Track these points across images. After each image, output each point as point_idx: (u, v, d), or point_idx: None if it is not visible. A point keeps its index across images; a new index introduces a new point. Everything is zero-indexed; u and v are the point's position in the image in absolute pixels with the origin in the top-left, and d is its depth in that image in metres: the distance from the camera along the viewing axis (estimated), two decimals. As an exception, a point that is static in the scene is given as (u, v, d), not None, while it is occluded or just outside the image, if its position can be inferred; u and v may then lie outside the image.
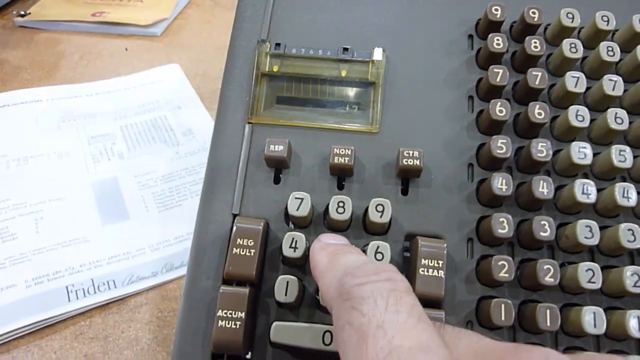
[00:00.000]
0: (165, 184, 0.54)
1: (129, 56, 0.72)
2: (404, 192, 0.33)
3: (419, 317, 0.21)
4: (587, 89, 0.34)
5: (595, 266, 0.30)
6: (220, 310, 0.29)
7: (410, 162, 0.32)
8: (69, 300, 0.44)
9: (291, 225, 0.33)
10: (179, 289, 0.46)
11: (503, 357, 0.21)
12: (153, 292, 0.45)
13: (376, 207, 0.31)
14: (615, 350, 0.30)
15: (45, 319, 0.42)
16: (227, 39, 0.39)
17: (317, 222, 0.33)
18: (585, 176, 0.33)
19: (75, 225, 0.49)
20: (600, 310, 0.29)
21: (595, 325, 0.29)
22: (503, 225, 0.30)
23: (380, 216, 0.31)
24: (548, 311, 0.29)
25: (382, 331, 0.20)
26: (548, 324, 0.29)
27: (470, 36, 0.37)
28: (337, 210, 0.31)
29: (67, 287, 0.44)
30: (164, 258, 0.47)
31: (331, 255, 0.27)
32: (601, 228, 0.31)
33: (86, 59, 0.71)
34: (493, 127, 0.33)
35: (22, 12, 0.76)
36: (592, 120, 0.33)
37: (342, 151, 0.32)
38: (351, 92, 0.36)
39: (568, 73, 0.33)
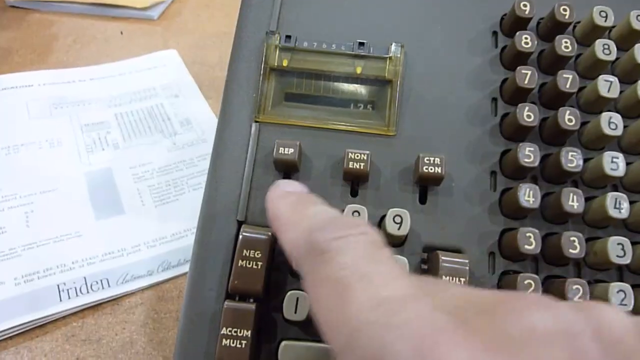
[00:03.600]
0: (162, 177, 0.50)
1: (124, 40, 0.67)
2: (422, 200, 0.30)
3: (399, 267, 0.20)
4: (620, 91, 0.31)
5: (627, 287, 0.27)
6: (224, 328, 0.26)
7: (431, 169, 0.29)
8: (61, 300, 0.40)
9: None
10: (175, 289, 0.43)
11: (494, 304, 0.18)
12: (149, 292, 0.42)
13: (394, 219, 0.28)
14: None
15: (36, 320, 0.39)
16: (227, 24, 0.35)
17: (328, 231, 0.30)
18: (615, 188, 0.30)
19: (68, 219, 0.46)
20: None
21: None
22: (530, 240, 0.27)
23: (399, 228, 0.28)
24: (577, 335, 0.26)
25: (368, 280, 0.18)
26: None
27: (495, 33, 0.34)
28: (351, 220, 0.28)
29: (58, 286, 0.41)
30: (160, 256, 0.44)
31: (294, 206, 0.24)
32: (632, 244, 0.28)
33: (80, 42, 0.66)
34: (519, 133, 0.30)
35: (14, -9, 0.71)
36: (624, 127, 0.30)
37: (357, 156, 0.29)
38: (366, 90, 0.32)
39: (600, 77, 0.30)
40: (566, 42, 0.31)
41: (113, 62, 0.63)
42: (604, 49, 0.31)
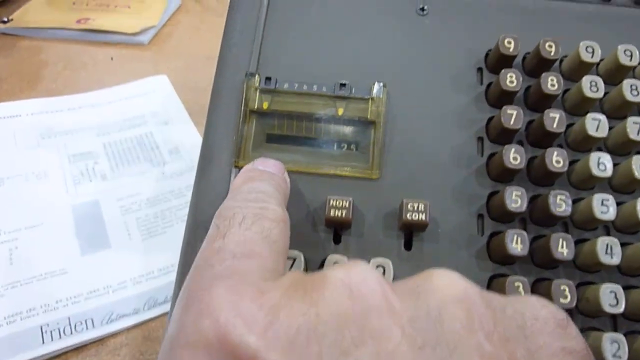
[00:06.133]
0: (149, 209, 0.49)
1: (114, 66, 0.66)
2: (407, 246, 0.29)
3: (266, 237, 0.21)
4: (609, 128, 0.29)
5: (621, 338, 0.25)
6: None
7: (415, 216, 0.27)
8: (43, 342, 0.39)
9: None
10: (162, 327, 0.41)
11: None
12: (134, 331, 0.41)
13: (376, 268, 0.27)
14: None
15: (17, 363, 0.38)
16: (218, 47, 0.33)
17: (310, 279, 0.28)
18: (607, 228, 0.29)
19: (53, 256, 0.44)
20: (625, 387, 0.25)
21: (620, 406, 0.25)
22: (519, 290, 0.26)
23: (382, 278, 0.27)
24: (569, 390, 0.25)
25: (223, 238, 0.21)
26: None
27: (480, 69, 0.32)
28: (333, 271, 0.27)
29: (41, 327, 0.40)
30: (146, 292, 0.43)
31: (245, 179, 0.26)
32: (626, 288, 0.27)
33: (70, 68, 0.65)
34: (505, 175, 0.29)
35: (5, 19, 0.70)
36: (615, 165, 0.29)
37: (339, 203, 0.28)
38: (349, 132, 0.31)
39: (588, 115, 0.29)
40: (552, 80, 0.29)
41: (102, 89, 0.62)
42: (591, 87, 0.29)
